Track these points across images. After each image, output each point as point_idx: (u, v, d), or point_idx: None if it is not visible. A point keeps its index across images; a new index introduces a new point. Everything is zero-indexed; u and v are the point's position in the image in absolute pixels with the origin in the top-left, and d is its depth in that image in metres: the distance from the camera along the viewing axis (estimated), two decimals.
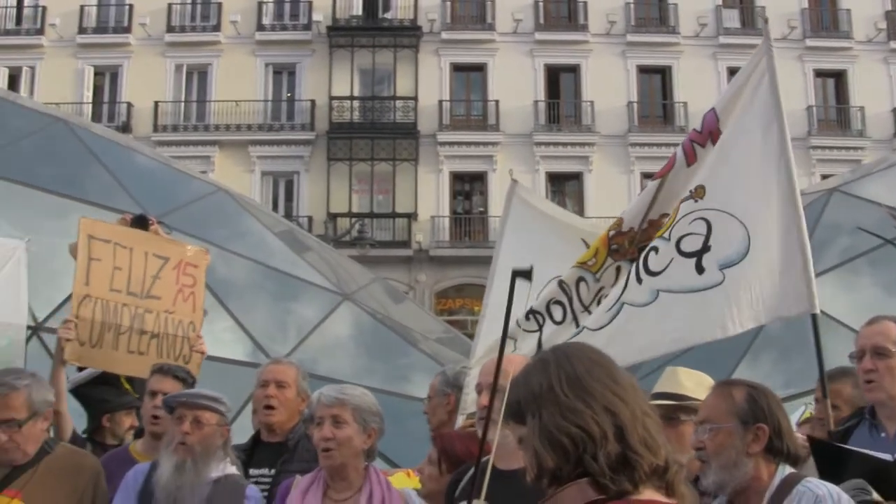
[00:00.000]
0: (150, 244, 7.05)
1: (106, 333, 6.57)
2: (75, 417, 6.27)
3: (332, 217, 35.48)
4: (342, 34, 37.56)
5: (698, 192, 5.23)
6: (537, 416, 2.32)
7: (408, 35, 37.61)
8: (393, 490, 4.47)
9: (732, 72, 34.56)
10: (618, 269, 5.70)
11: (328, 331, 10.54)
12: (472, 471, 3.92)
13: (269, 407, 5.26)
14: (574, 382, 2.33)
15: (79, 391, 6.59)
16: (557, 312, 5.83)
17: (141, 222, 7.25)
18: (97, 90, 38.28)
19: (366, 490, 4.37)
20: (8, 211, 9.58)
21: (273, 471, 5.11)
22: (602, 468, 2.23)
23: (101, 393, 6.63)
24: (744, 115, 5.26)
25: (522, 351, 5.49)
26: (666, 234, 5.33)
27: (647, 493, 2.27)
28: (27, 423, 4.44)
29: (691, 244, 5.15)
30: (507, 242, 6.75)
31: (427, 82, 37.19)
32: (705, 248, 5.09)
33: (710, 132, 5.43)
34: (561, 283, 5.82)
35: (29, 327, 8.40)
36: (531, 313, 5.83)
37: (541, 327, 5.84)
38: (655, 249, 5.35)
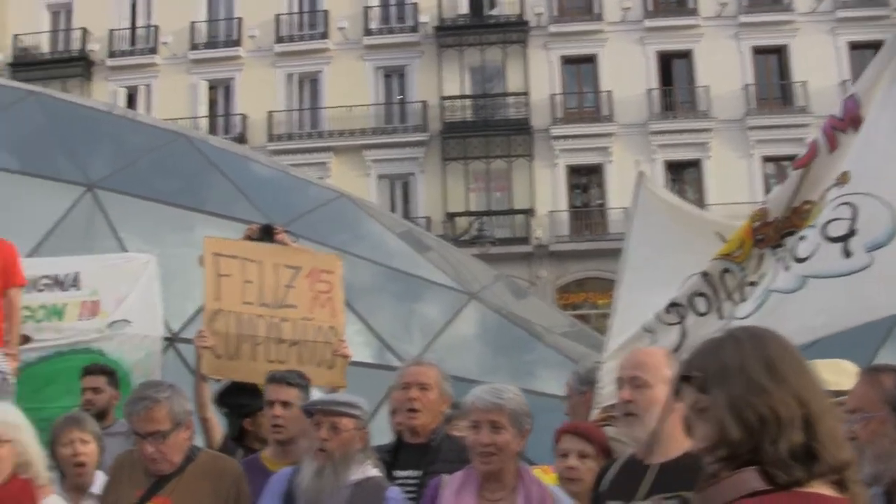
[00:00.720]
0: (278, 256, 7.08)
1: (243, 345, 6.66)
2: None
3: (450, 217, 35.56)
4: (450, 34, 37.60)
5: (843, 178, 5.09)
6: (725, 388, 2.28)
7: (515, 30, 37.42)
8: (546, 488, 4.43)
9: (854, 47, 33.73)
10: (760, 258, 5.58)
11: (454, 329, 10.55)
12: (614, 466, 3.88)
13: (413, 410, 5.22)
14: (768, 364, 2.29)
15: (218, 400, 6.69)
16: (701, 304, 5.72)
17: (267, 232, 7.32)
18: (212, 104, 39.05)
19: (521, 490, 4.33)
20: (137, 226, 9.83)
21: (419, 472, 5.10)
22: (779, 455, 2.18)
23: (237, 398, 6.71)
24: (886, 98, 5.10)
25: (662, 344, 5.40)
26: (813, 222, 5.21)
27: (817, 487, 2.20)
28: (171, 434, 4.55)
29: (837, 229, 5.01)
30: (637, 236, 6.63)
31: (537, 77, 36.93)
32: (851, 231, 4.95)
33: (851, 118, 5.27)
34: (705, 275, 5.71)
35: (165, 339, 8.59)
36: (672, 306, 5.74)
37: (682, 319, 5.74)
38: (803, 238, 5.23)
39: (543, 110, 36.53)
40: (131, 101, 38.26)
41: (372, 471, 4.72)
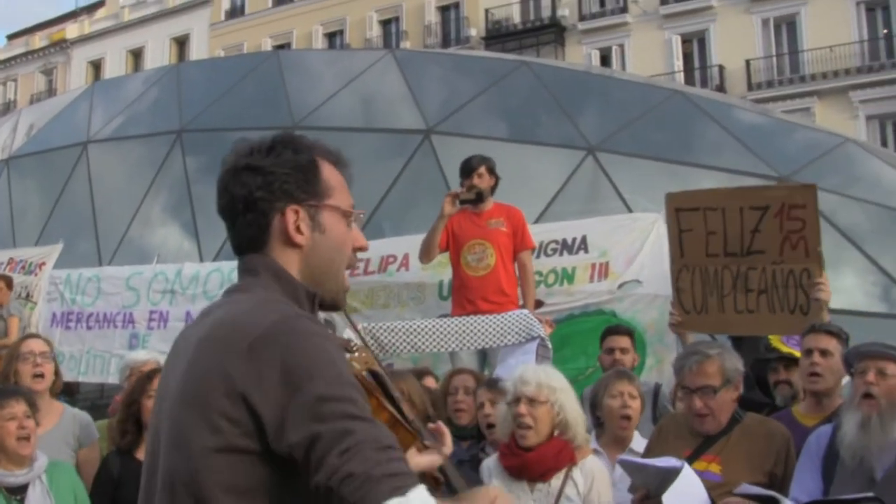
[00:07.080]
0: (743, 198, 6.80)
1: (709, 298, 6.68)
2: None
3: None
4: None
5: None
6: None
7: None
8: None
9: None
10: None
11: None
12: None
13: None
14: None
15: None
16: None
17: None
18: (686, 57, 38.85)
19: None
20: (640, 185, 9.88)
21: None
22: None
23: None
24: None
25: None
26: None
27: None
28: (721, 391, 4.56)
29: None
30: None
31: None
32: None
33: None
34: None
35: None
36: None
37: None
38: None
39: None
40: (604, 61, 39.20)
41: None
